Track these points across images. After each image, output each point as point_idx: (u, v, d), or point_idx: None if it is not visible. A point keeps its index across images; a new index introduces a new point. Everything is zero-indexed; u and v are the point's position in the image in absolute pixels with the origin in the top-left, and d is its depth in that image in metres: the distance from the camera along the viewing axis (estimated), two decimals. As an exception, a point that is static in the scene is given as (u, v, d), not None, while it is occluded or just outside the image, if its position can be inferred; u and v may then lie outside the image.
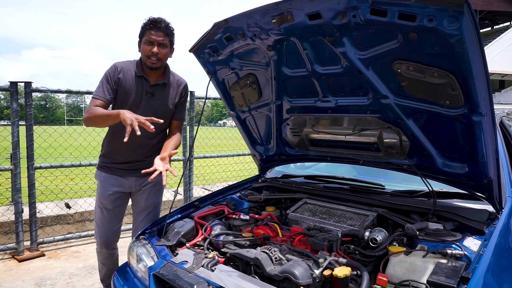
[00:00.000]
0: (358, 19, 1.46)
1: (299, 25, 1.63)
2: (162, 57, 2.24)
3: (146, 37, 2.21)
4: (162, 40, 2.21)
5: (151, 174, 1.96)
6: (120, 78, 2.26)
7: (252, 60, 2.04)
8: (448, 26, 1.29)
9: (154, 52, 2.19)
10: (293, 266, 1.46)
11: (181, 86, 2.45)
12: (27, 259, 3.68)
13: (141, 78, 2.30)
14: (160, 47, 2.21)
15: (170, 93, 2.38)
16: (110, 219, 2.47)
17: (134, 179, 2.43)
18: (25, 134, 3.66)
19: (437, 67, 1.47)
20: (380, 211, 1.93)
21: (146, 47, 2.21)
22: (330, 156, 2.31)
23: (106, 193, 2.40)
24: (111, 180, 2.41)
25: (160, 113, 2.31)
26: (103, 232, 2.48)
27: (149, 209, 2.54)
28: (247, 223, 2.10)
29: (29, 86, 3.63)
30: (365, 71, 1.69)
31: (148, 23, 2.20)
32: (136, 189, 2.47)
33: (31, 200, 3.76)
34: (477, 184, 1.76)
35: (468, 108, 1.51)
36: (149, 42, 2.20)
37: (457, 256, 1.45)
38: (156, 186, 2.50)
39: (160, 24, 2.19)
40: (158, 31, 2.19)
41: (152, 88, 2.32)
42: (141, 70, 2.30)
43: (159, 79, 2.34)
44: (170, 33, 2.25)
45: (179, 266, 1.66)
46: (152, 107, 2.31)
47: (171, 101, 2.39)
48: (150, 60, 2.22)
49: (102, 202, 2.44)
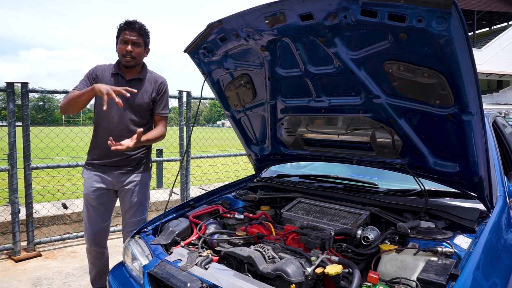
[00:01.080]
0: (349, 19, 1.48)
1: (292, 25, 1.65)
2: (136, 55, 2.37)
3: (121, 37, 2.35)
4: (136, 39, 2.35)
5: (132, 171, 2.35)
6: (98, 75, 2.42)
7: (246, 61, 2.06)
8: (437, 26, 1.31)
9: (128, 50, 2.33)
10: (285, 264, 1.47)
11: (158, 82, 2.55)
12: (24, 259, 3.69)
13: (117, 75, 2.44)
14: (134, 46, 2.35)
15: (146, 87, 2.48)
16: (96, 216, 2.51)
17: (116, 175, 2.48)
18: (21, 134, 3.67)
19: (427, 67, 1.49)
20: (373, 210, 1.95)
21: (121, 46, 2.35)
22: (324, 156, 2.33)
23: (89, 189, 2.47)
24: (94, 177, 2.48)
25: (137, 106, 2.44)
26: (90, 229, 2.53)
27: (134, 207, 2.57)
28: (241, 222, 2.12)
29: (26, 87, 3.64)
30: (357, 71, 1.70)
31: (123, 25, 2.36)
32: (119, 186, 2.51)
33: (28, 201, 3.76)
34: (468, 183, 1.78)
35: (458, 107, 1.53)
36: (124, 41, 2.34)
37: (448, 254, 1.47)
38: (140, 184, 2.56)
39: (134, 25, 2.34)
40: (132, 31, 2.34)
41: (128, 83, 2.41)
42: (117, 68, 2.45)
43: (134, 75, 2.46)
44: (144, 33, 2.39)
45: (173, 264, 1.67)
46: (129, 101, 2.39)
47: (147, 95, 2.48)
48: (125, 58, 2.35)
49: (87, 199, 2.50)
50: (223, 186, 2.71)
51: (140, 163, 2.55)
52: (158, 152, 6.47)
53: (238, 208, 2.35)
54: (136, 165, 2.53)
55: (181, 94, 4.70)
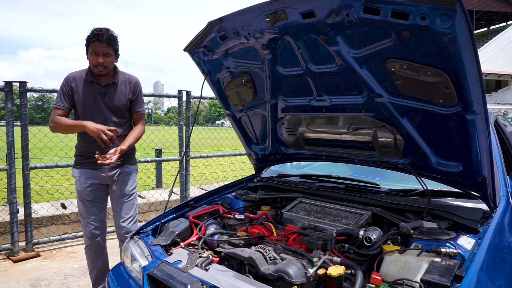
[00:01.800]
0: (352, 17, 1.46)
1: (293, 23, 1.62)
2: (108, 65, 2.48)
3: (91, 49, 2.44)
4: (106, 50, 2.44)
5: (121, 164, 2.60)
6: (72, 87, 2.53)
7: (247, 59, 2.04)
8: (441, 24, 1.29)
9: (100, 62, 2.44)
10: (287, 265, 1.45)
11: (132, 82, 2.67)
12: (22, 259, 3.67)
13: (92, 82, 2.55)
14: (105, 57, 2.45)
15: (122, 89, 2.61)
16: (93, 209, 2.62)
17: (107, 170, 2.61)
18: (20, 134, 3.65)
19: (430, 65, 1.47)
20: (375, 210, 1.93)
21: (92, 58, 2.45)
22: (325, 155, 2.31)
23: (83, 186, 2.57)
24: (86, 174, 2.59)
25: (116, 108, 2.59)
26: (90, 222, 2.60)
27: (124, 196, 2.70)
28: (242, 222, 2.10)
29: (24, 86, 3.62)
30: (359, 70, 1.68)
31: (92, 36, 2.42)
32: (111, 180, 2.65)
33: (26, 201, 3.74)
34: (471, 183, 1.76)
35: (462, 106, 1.51)
36: (94, 53, 2.44)
37: (451, 254, 1.45)
38: (128, 175, 2.72)
39: (103, 36, 2.41)
40: (101, 43, 2.42)
41: (104, 89, 2.56)
42: (91, 76, 2.55)
43: (109, 80, 2.57)
44: (112, 42, 2.48)
45: (173, 265, 1.66)
46: (108, 105, 2.56)
47: (124, 97, 2.62)
48: (98, 68, 2.47)
49: (82, 196, 2.60)
50: (223, 186, 2.69)
51: (128, 157, 2.72)
52: (157, 151, 6.44)
53: (238, 208, 2.33)
54: (125, 159, 2.68)
55: (180, 93, 4.68)
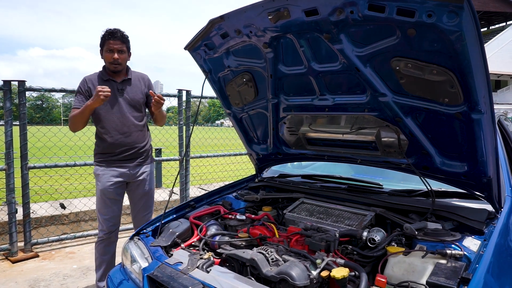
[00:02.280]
0: (356, 15, 1.44)
1: (296, 21, 1.60)
2: (122, 61, 2.65)
3: (106, 46, 2.61)
4: (120, 47, 2.61)
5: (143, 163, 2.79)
6: (90, 87, 2.66)
7: (248, 58, 2.01)
8: (448, 22, 1.26)
9: (115, 58, 2.60)
10: (290, 267, 1.43)
11: (145, 78, 2.85)
12: (21, 260, 3.64)
13: (109, 80, 2.68)
14: (119, 53, 2.62)
15: (136, 84, 2.77)
16: (114, 207, 2.74)
17: (131, 167, 2.75)
18: (18, 133, 3.62)
19: (436, 64, 1.44)
20: (378, 211, 1.91)
21: (107, 55, 2.61)
22: (327, 155, 2.28)
23: (107, 184, 2.68)
24: (111, 172, 2.69)
25: (135, 102, 2.75)
26: (107, 217, 2.72)
27: (146, 194, 2.86)
28: (243, 223, 2.07)
29: (23, 85, 3.59)
30: (362, 69, 1.66)
31: (107, 34, 2.60)
32: (133, 177, 2.78)
33: (25, 201, 3.71)
34: (476, 183, 1.73)
35: (468, 106, 1.49)
36: (109, 50, 2.60)
37: (457, 256, 1.43)
38: (150, 174, 2.88)
39: (117, 34, 2.59)
40: (116, 40, 2.59)
41: (121, 85, 2.71)
42: (107, 75, 2.70)
43: (124, 77, 2.73)
44: (126, 40, 2.65)
45: (174, 267, 1.63)
46: (127, 100, 2.71)
47: (140, 91, 2.78)
48: (113, 65, 2.62)
49: (105, 193, 2.69)
50: (223, 186, 2.66)
51: (148, 155, 2.87)
52: (157, 151, 6.41)
53: (239, 209, 2.30)
54: (145, 157, 2.84)
55: (180, 93, 4.65)
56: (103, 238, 2.75)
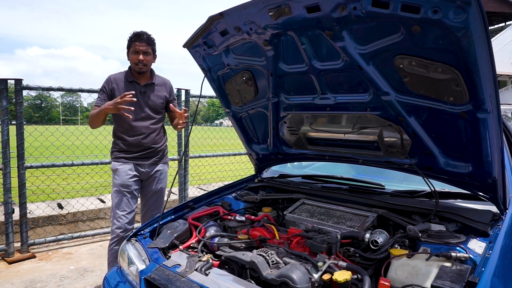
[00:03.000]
0: (359, 11, 1.40)
1: (297, 18, 1.56)
2: (147, 63, 2.71)
3: (132, 48, 2.68)
4: (146, 49, 2.68)
5: (158, 162, 2.87)
6: (114, 87, 2.72)
7: (248, 56, 1.97)
8: (454, 18, 1.23)
9: (140, 59, 2.66)
10: (290, 270, 1.39)
11: (168, 84, 2.93)
12: (17, 261, 3.59)
13: (133, 82, 2.75)
14: (145, 55, 2.68)
15: (159, 90, 2.85)
16: (132, 201, 2.77)
17: (147, 165, 2.82)
18: (15, 132, 3.57)
19: (441, 62, 1.41)
20: (380, 212, 1.87)
21: (133, 56, 2.68)
22: (328, 155, 2.25)
23: (126, 177, 2.73)
24: (128, 166, 2.77)
25: (155, 106, 2.81)
26: (124, 213, 2.71)
27: (157, 193, 2.91)
28: (242, 224, 2.04)
29: (19, 84, 3.54)
30: (365, 67, 1.62)
31: (133, 37, 2.67)
32: (147, 175, 2.85)
33: (21, 201, 3.67)
34: (481, 184, 1.70)
35: (473, 104, 1.45)
36: (135, 52, 2.66)
37: (462, 259, 1.39)
38: (164, 173, 2.95)
39: (143, 36, 2.66)
40: (141, 42, 2.66)
41: (144, 88, 2.77)
42: (131, 76, 2.77)
43: (148, 81, 2.80)
44: (151, 42, 2.72)
45: (172, 270, 1.59)
46: (147, 103, 2.78)
47: (161, 96, 2.85)
48: (138, 66, 2.68)
49: (124, 186, 2.73)
50: (223, 186, 2.62)
51: (164, 155, 2.93)
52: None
53: (239, 210, 2.26)
54: (161, 156, 2.90)
55: (179, 92, 4.61)
56: (119, 238, 2.68)
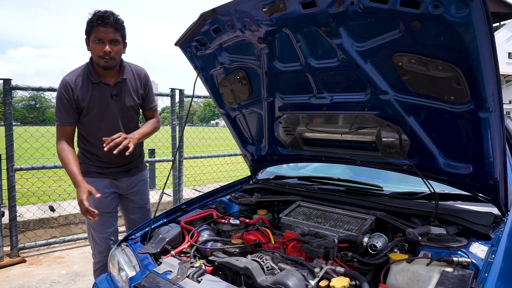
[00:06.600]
0: (357, 6, 1.34)
1: (292, 14, 1.50)
2: (115, 55, 2.07)
3: (94, 34, 2.01)
4: (113, 36, 2.02)
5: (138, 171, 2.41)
6: (78, 96, 2.11)
7: (242, 54, 1.91)
8: (456, 13, 1.18)
9: (107, 51, 2.01)
10: (286, 277, 1.33)
11: (141, 75, 2.32)
12: (7, 265, 3.51)
13: (100, 84, 2.15)
14: (112, 45, 2.03)
15: (132, 86, 2.26)
16: (111, 220, 2.35)
17: (126, 179, 2.39)
18: (4, 134, 3.48)
19: (442, 59, 1.35)
20: (379, 215, 1.82)
21: (96, 46, 2.02)
22: (325, 156, 2.19)
23: (102, 196, 2.12)
24: (104, 183, 2.29)
25: (129, 109, 2.27)
26: (106, 235, 2.31)
27: (143, 206, 2.52)
28: (237, 228, 1.97)
29: (8, 84, 3.46)
30: (363, 65, 1.57)
31: (95, 19, 1.98)
32: (128, 189, 2.42)
33: (11, 203, 3.58)
34: (482, 186, 1.65)
35: (475, 104, 1.40)
36: (99, 40, 2.01)
37: (464, 264, 1.34)
38: (145, 183, 2.53)
39: (108, 19, 1.98)
40: (107, 27, 1.98)
41: (115, 89, 2.19)
42: (96, 76, 2.14)
43: (117, 77, 2.18)
44: (120, 27, 2.06)
45: (163, 276, 1.53)
46: (121, 108, 2.23)
47: (135, 94, 2.28)
48: (104, 59, 2.04)
49: (101, 208, 2.19)
50: (217, 188, 2.56)
51: (141, 162, 2.51)
52: (150, 152, 6.30)
53: (233, 213, 2.20)
54: (139, 164, 2.48)
55: (173, 92, 4.54)
56: (104, 262, 2.31)
